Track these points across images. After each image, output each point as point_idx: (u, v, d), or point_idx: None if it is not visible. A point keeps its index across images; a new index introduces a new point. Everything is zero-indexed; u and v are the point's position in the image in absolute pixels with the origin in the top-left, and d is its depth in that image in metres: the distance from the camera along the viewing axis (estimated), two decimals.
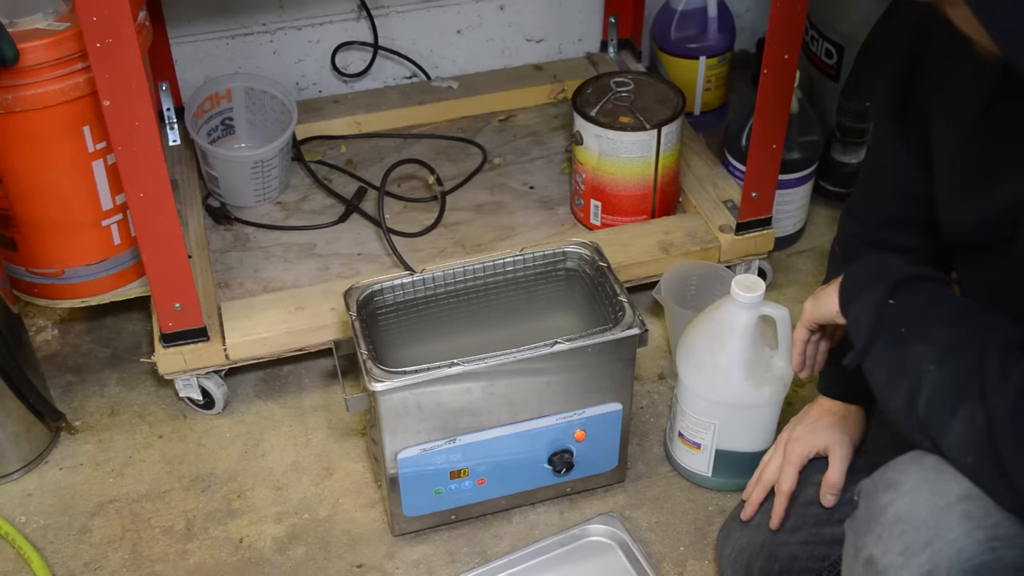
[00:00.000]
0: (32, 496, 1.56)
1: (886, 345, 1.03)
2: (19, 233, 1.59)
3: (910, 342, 1.01)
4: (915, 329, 1.01)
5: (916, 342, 1.00)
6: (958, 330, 0.99)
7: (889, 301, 1.04)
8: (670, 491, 1.55)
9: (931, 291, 1.04)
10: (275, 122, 1.90)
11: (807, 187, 1.90)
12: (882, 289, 1.04)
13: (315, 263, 1.77)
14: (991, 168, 1.05)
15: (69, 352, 1.78)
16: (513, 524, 1.51)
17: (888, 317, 1.03)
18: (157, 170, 1.37)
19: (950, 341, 0.98)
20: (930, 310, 1.02)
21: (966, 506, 0.95)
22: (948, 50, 1.11)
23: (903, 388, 1.00)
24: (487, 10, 2.12)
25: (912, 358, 1.00)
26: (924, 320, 1.01)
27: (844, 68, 1.97)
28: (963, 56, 1.07)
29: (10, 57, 1.38)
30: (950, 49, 1.10)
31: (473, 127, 2.07)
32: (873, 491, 1.02)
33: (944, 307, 1.02)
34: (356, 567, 1.46)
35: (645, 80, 1.82)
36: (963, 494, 0.96)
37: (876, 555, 0.98)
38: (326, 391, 1.70)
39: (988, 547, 0.93)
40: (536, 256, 1.51)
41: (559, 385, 1.39)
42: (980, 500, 0.95)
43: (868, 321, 1.04)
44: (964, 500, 0.96)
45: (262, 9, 2.00)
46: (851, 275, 1.11)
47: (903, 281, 1.04)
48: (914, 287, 1.04)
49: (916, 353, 1.00)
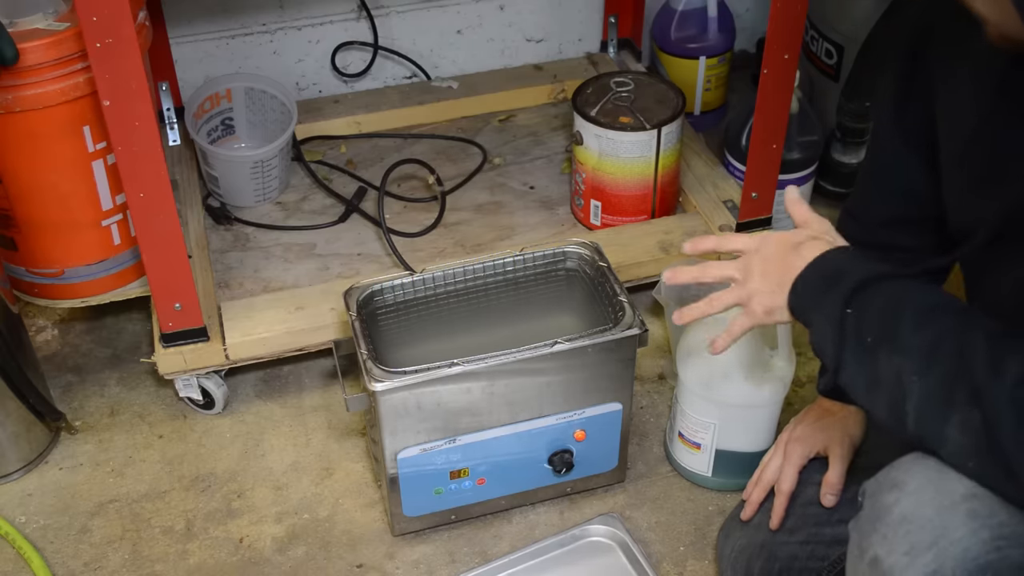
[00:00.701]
0: (32, 496, 1.56)
1: (856, 359, 1.01)
2: (19, 233, 1.59)
3: (881, 352, 0.98)
4: (884, 338, 0.99)
5: (889, 353, 0.98)
6: (930, 334, 0.96)
7: (847, 311, 1.01)
8: (670, 491, 1.55)
9: (889, 292, 1.01)
10: (275, 122, 1.90)
11: (807, 187, 1.90)
12: (837, 298, 1.02)
13: (315, 263, 1.77)
14: (1002, 165, 1.05)
15: (69, 352, 1.78)
16: (513, 524, 1.51)
17: (850, 328, 1.01)
18: (157, 170, 1.37)
19: (926, 348, 0.96)
20: (895, 315, 0.99)
21: (971, 505, 0.95)
22: (953, 46, 1.11)
23: (884, 401, 0.99)
24: (487, 10, 2.12)
25: (888, 370, 0.98)
26: (891, 326, 0.98)
27: (844, 68, 1.97)
28: (969, 51, 1.07)
29: (10, 57, 1.38)
30: (955, 45, 1.10)
31: (473, 127, 2.07)
32: (877, 491, 1.02)
33: (908, 309, 0.99)
34: (356, 567, 1.46)
35: (645, 80, 1.82)
36: (968, 493, 0.96)
37: (881, 555, 0.98)
38: (326, 391, 1.70)
39: (994, 546, 0.93)
40: (536, 256, 1.51)
41: (559, 385, 1.39)
42: (985, 499, 0.95)
43: (832, 335, 1.02)
44: (969, 499, 0.95)
45: (262, 9, 2.00)
46: (802, 279, 1.06)
47: (858, 287, 1.01)
48: (871, 290, 1.01)
49: (893, 365, 0.97)
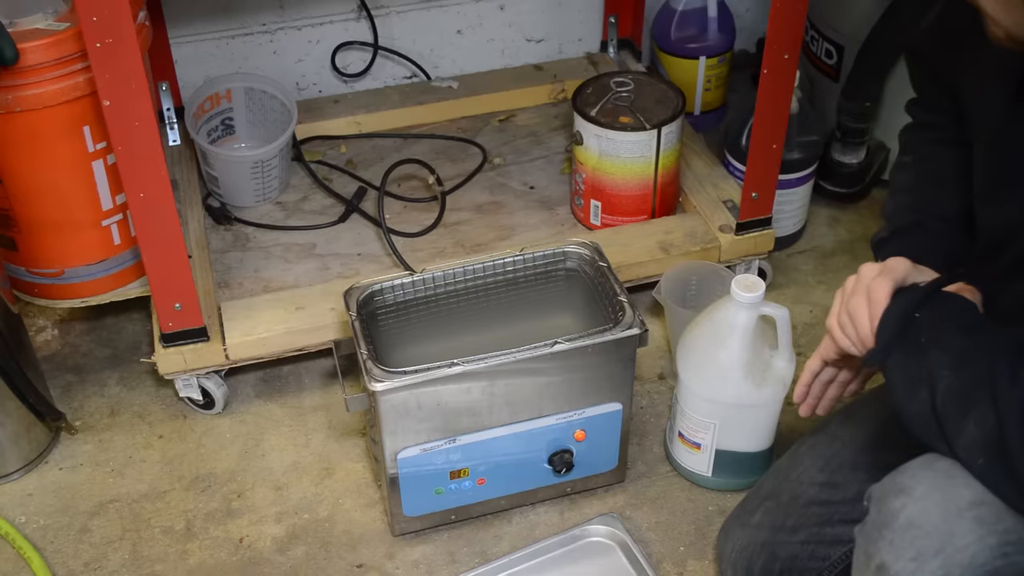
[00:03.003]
0: (32, 496, 1.56)
1: (906, 353, 1.03)
2: (19, 233, 1.59)
3: (928, 349, 1.01)
4: (933, 337, 1.02)
5: (933, 349, 1.01)
6: (973, 340, 1.00)
7: (915, 315, 1.04)
8: (670, 491, 1.55)
9: (954, 303, 1.05)
10: (275, 122, 1.90)
11: (807, 187, 1.90)
12: (909, 301, 1.05)
13: (315, 263, 1.77)
14: (1019, 169, 1.06)
15: (69, 352, 1.78)
16: (513, 524, 1.51)
17: (912, 329, 1.03)
18: (157, 170, 1.37)
19: (965, 348, 0.99)
20: (949, 320, 1.03)
21: (978, 512, 0.95)
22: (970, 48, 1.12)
23: (922, 394, 1.01)
24: (487, 10, 2.12)
25: (929, 364, 1.00)
26: (943, 329, 1.02)
27: (844, 68, 1.97)
28: (983, 54, 1.08)
29: (10, 57, 1.38)
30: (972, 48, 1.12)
31: (473, 127, 2.07)
32: (884, 496, 1.02)
33: (961, 319, 1.03)
34: (356, 567, 1.46)
35: (645, 80, 1.82)
36: (975, 500, 0.96)
37: (888, 561, 0.98)
38: (326, 391, 1.70)
39: (1000, 552, 0.93)
40: (536, 256, 1.51)
41: (559, 385, 1.39)
42: (992, 505, 0.95)
43: (892, 328, 1.04)
44: (976, 506, 0.96)
45: (262, 9, 2.00)
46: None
47: (932, 293, 1.05)
48: (941, 300, 1.05)
49: (933, 359, 1.00)
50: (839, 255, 1.95)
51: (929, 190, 1.31)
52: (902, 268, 1.08)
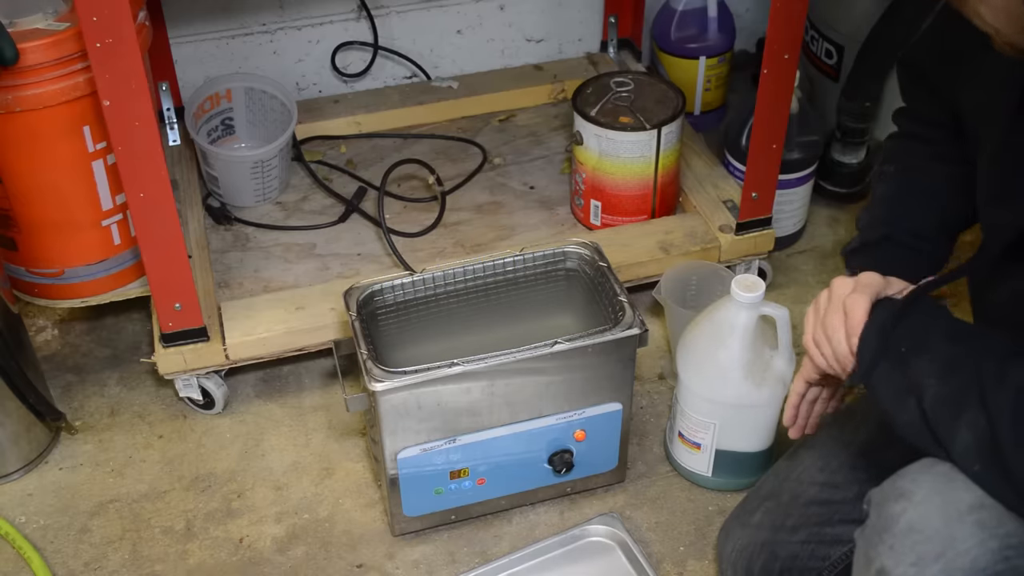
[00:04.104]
0: (32, 496, 1.56)
1: (890, 366, 1.03)
2: (19, 233, 1.59)
3: (912, 359, 1.01)
4: (915, 347, 1.01)
5: (917, 359, 1.01)
6: (958, 346, 1.00)
7: (894, 327, 1.04)
8: (670, 491, 1.55)
9: (934, 312, 1.04)
10: (275, 122, 1.90)
11: (807, 187, 1.90)
12: (887, 315, 1.04)
13: (315, 263, 1.77)
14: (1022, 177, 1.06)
15: (69, 352, 1.78)
16: (513, 524, 1.51)
17: (893, 341, 1.03)
18: (157, 170, 1.37)
19: (951, 355, 0.99)
20: (931, 328, 1.02)
21: (979, 515, 0.95)
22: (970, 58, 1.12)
23: (910, 404, 1.00)
24: (487, 10, 2.12)
25: (913, 374, 1.00)
26: (925, 338, 1.02)
27: (844, 68, 1.97)
28: (984, 62, 1.08)
29: (10, 57, 1.38)
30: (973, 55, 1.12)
31: (473, 127, 2.07)
32: (884, 501, 1.02)
33: (943, 326, 1.03)
34: (356, 567, 1.46)
35: (645, 80, 1.82)
36: (975, 503, 0.96)
37: (888, 566, 0.98)
38: (326, 391, 1.70)
39: (1002, 556, 0.93)
40: (536, 256, 1.51)
41: (559, 385, 1.39)
42: (993, 509, 0.95)
43: (875, 346, 1.04)
44: (977, 509, 0.95)
45: (262, 9, 2.00)
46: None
47: (906, 305, 1.04)
48: (919, 309, 1.04)
49: (917, 369, 1.00)
50: (839, 255, 1.95)
51: (906, 204, 1.31)
52: (876, 283, 1.08)
